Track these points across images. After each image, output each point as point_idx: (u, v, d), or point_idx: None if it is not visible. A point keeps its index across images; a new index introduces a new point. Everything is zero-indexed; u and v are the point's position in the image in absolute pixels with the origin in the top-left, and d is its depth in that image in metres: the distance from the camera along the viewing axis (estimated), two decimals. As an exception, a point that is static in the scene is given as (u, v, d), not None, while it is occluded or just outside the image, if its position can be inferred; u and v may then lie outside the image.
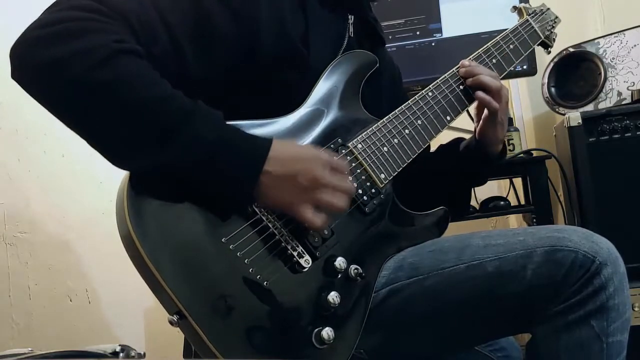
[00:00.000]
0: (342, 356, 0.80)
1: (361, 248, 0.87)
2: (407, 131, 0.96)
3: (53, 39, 0.71)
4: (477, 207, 1.72)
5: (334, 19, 1.00)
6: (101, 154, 0.73)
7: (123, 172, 0.74)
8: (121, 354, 0.68)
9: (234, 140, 0.75)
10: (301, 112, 0.89)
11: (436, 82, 1.03)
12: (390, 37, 1.77)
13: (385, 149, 0.93)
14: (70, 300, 2.04)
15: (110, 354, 0.68)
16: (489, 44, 1.09)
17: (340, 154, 0.89)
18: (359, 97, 0.97)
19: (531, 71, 1.73)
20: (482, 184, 1.19)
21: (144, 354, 0.70)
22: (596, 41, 1.81)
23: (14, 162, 2.02)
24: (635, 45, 1.75)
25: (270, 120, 0.85)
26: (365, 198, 0.89)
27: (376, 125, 0.94)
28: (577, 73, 1.81)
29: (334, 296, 0.78)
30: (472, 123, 1.11)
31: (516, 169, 1.72)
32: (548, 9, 1.23)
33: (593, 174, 1.56)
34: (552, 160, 1.66)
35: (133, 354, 0.69)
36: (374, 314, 0.86)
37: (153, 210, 0.72)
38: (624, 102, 1.74)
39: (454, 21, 1.76)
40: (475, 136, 1.08)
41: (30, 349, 0.70)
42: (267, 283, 0.75)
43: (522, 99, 2.06)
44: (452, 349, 0.99)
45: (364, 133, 0.92)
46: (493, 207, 1.68)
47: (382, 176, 0.92)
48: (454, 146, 1.13)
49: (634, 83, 1.74)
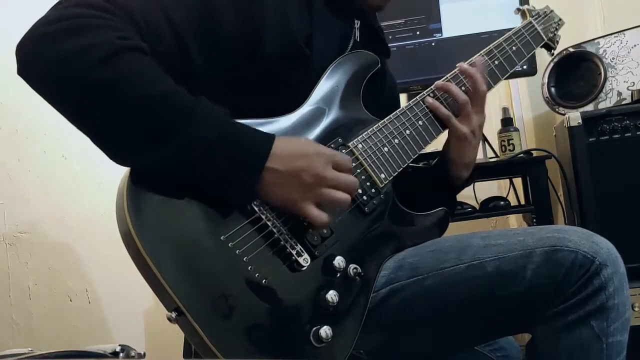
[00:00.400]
0: (341, 355, 0.80)
1: (360, 247, 0.87)
2: (407, 132, 0.96)
3: (58, 35, 0.71)
4: (477, 207, 1.72)
5: (340, 21, 1.00)
6: (103, 150, 0.74)
7: (123, 172, 0.74)
8: (121, 354, 0.68)
9: (236, 137, 0.75)
10: (302, 111, 0.89)
11: (430, 87, 1.02)
12: (390, 37, 1.76)
13: (386, 149, 0.93)
14: (70, 300, 2.03)
15: (110, 354, 0.68)
16: (491, 45, 1.09)
17: (340, 154, 0.89)
18: (360, 97, 0.97)
19: (531, 71, 1.73)
20: (450, 207, 1.04)
21: (144, 354, 0.70)
22: (596, 41, 1.81)
23: (14, 162, 2.02)
24: (635, 45, 1.75)
25: (272, 119, 0.85)
26: (365, 198, 0.89)
27: (377, 125, 0.94)
28: (577, 73, 1.81)
29: (332, 295, 0.79)
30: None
31: (516, 169, 1.72)
32: (552, 11, 1.22)
33: (593, 174, 1.56)
34: (552, 160, 1.66)
35: (133, 354, 0.69)
36: (373, 314, 0.86)
37: (153, 207, 0.72)
38: (624, 102, 1.74)
39: (454, 21, 1.76)
40: (441, 152, 1.05)
41: (30, 349, 0.70)
42: (265, 281, 0.75)
43: (522, 99, 2.06)
44: (452, 348, 0.99)
45: (364, 133, 0.92)
46: (493, 207, 1.67)
47: (382, 176, 0.92)
48: (436, 156, 1.09)
49: (634, 83, 1.74)
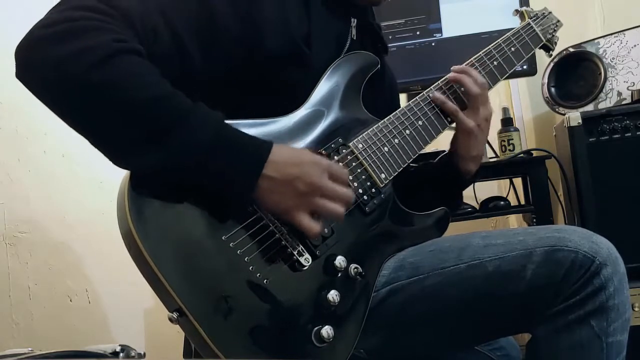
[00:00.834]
0: (342, 355, 0.80)
1: (361, 247, 0.87)
2: (407, 131, 0.96)
3: (55, 39, 0.71)
4: (477, 207, 1.72)
5: (337, 20, 1.00)
6: (102, 152, 0.74)
7: (123, 172, 0.74)
8: (121, 354, 0.68)
9: (233, 142, 0.75)
10: (302, 112, 0.89)
11: (437, 83, 1.02)
12: (390, 37, 1.76)
13: (386, 149, 0.93)
14: (70, 300, 2.03)
15: (110, 354, 0.68)
16: (490, 47, 1.09)
17: (340, 154, 0.89)
18: (360, 97, 0.97)
19: (531, 71, 1.73)
20: (454, 206, 1.06)
21: (144, 354, 0.70)
22: (596, 41, 1.81)
23: (14, 162, 2.02)
24: (635, 45, 1.75)
25: (272, 120, 0.85)
26: (365, 198, 0.89)
27: (377, 125, 0.94)
28: (577, 73, 1.81)
29: (333, 295, 0.79)
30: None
31: (516, 169, 1.72)
32: (550, 12, 1.22)
33: (593, 174, 1.56)
34: (552, 160, 1.66)
35: (133, 354, 0.69)
36: (374, 314, 0.86)
37: (154, 208, 0.72)
38: (624, 102, 1.74)
39: (454, 21, 1.76)
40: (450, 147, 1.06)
41: (30, 349, 0.70)
42: (266, 281, 0.75)
43: (522, 99, 2.06)
44: (452, 348, 0.99)
45: (364, 133, 0.92)
46: (493, 207, 1.67)
47: (383, 176, 0.92)
48: (436, 155, 1.12)
49: (634, 83, 1.74)
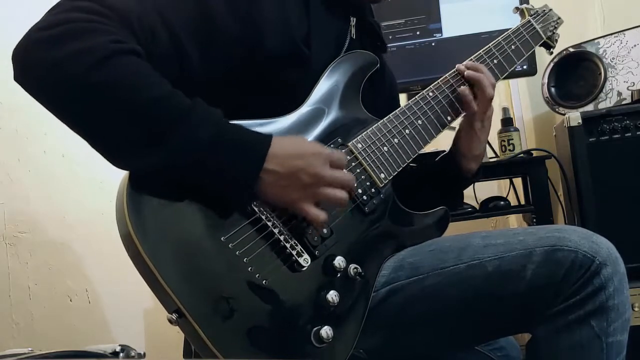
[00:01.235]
0: (341, 355, 0.80)
1: (361, 247, 0.87)
2: (407, 131, 0.96)
3: (52, 41, 0.71)
4: (477, 207, 1.72)
5: (336, 20, 1.00)
6: (101, 154, 0.74)
7: (123, 172, 0.74)
8: (121, 354, 0.68)
9: (233, 138, 0.75)
10: (301, 112, 0.89)
11: (437, 82, 1.03)
12: (390, 37, 1.76)
13: (385, 148, 0.93)
14: (70, 300, 2.03)
15: (110, 354, 0.68)
16: (490, 45, 1.09)
17: (340, 154, 0.89)
18: (360, 97, 0.97)
19: (531, 71, 1.73)
20: (453, 205, 1.07)
21: (144, 354, 0.70)
22: (596, 41, 1.81)
23: (14, 162, 2.02)
24: (635, 45, 1.75)
25: (271, 120, 0.85)
26: (365, 197, 0.89)
27: (376, 125, 0.94)
28: (577, 73, 1.81)
29: (333, 295, 0.79)
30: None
31: (516, 169, 1.72)
32: (550, 9, 1.22)
33: (593, 174, 1.56)
34: (552, 160, 1.66)
35: (133, 354, 0.69)
36: (373, 314, 0.86)
37: (153, 209, 0.72)
38: (624, 102, 1.74)
39: (454, 21, 1.76)
40: (451, 146, 1.07)
41: (30, 349, 0.70)
42: (266, 282, 0.75)
43: (522, 99, 2.06)
44: (452, 348, 0.99)
45: (364, 133, 0.92)
46: (493, 207, 1.67)
47: (382, 176, 0.92)
48: (436, 155, 1.12)
49: (634, 83, 1.74)
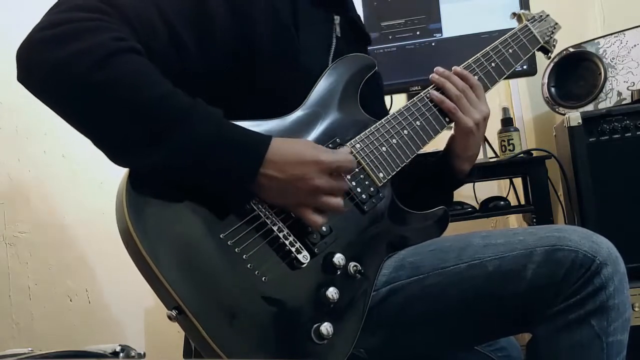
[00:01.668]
0: (342, 352, 0.80)
1: (360, 246, 0.87)
2: (405, 132, 0.97)
3: (54, 41, 0.71)
4: (477, 207, 1.72)
5: (321, 19, 1.01)
6: (103, 152, 0.74)
7: (123, 172, 0.74)
8: (121, 354, 0.68)
9: (233, 138, 0.75)
10: (299, 113, 0.90)
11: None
12: (390, 37, 1.76)
13: (384, 148, 0.93)
14: (70, 300, 2.03)
15: (110, 354, 0.68)
16: (488, 48, 1.09)
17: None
18: (357, 98, 0.98)
19: (531, 71, 1.73)
20: (446, 202, 1.05)
21: (144, 354, 0.70)
22: (596, 41, 1.81)
23: (14, 162, 2.02)
24: (635, 45, 1.75)
25: (271, 120, 0.86)
26: (363, 197, 0.89)
27: (374, 125, 0.94)
28: (577, 73, 1.81)
29: (332, 292, 0.79)
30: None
31: (516, 169, 1.72)
32: (548, 15, 1.22)
33: (593, 174, 1.56)
34: (552, 160, 1.66)
35: (133, 354, 0.69)
36: (374, 313, 0.86)
37: (152, 205, 0.72)
38: (624, 102, 1.74)
39: (454, 21, 1.76)
40: (446, 146, 1.06)
41: (30, 349, 0.70)
42: (265, 278, 0.75)
43: (522, 99, 2.06)
44: (452, 348, 0.99)
45: (362, 133, 0.93)
46: (493, 207, 1.67)
47: (381, 175, 0.92)
48: (431, 155, 1.12)
49: (634, 83, 1.74)
